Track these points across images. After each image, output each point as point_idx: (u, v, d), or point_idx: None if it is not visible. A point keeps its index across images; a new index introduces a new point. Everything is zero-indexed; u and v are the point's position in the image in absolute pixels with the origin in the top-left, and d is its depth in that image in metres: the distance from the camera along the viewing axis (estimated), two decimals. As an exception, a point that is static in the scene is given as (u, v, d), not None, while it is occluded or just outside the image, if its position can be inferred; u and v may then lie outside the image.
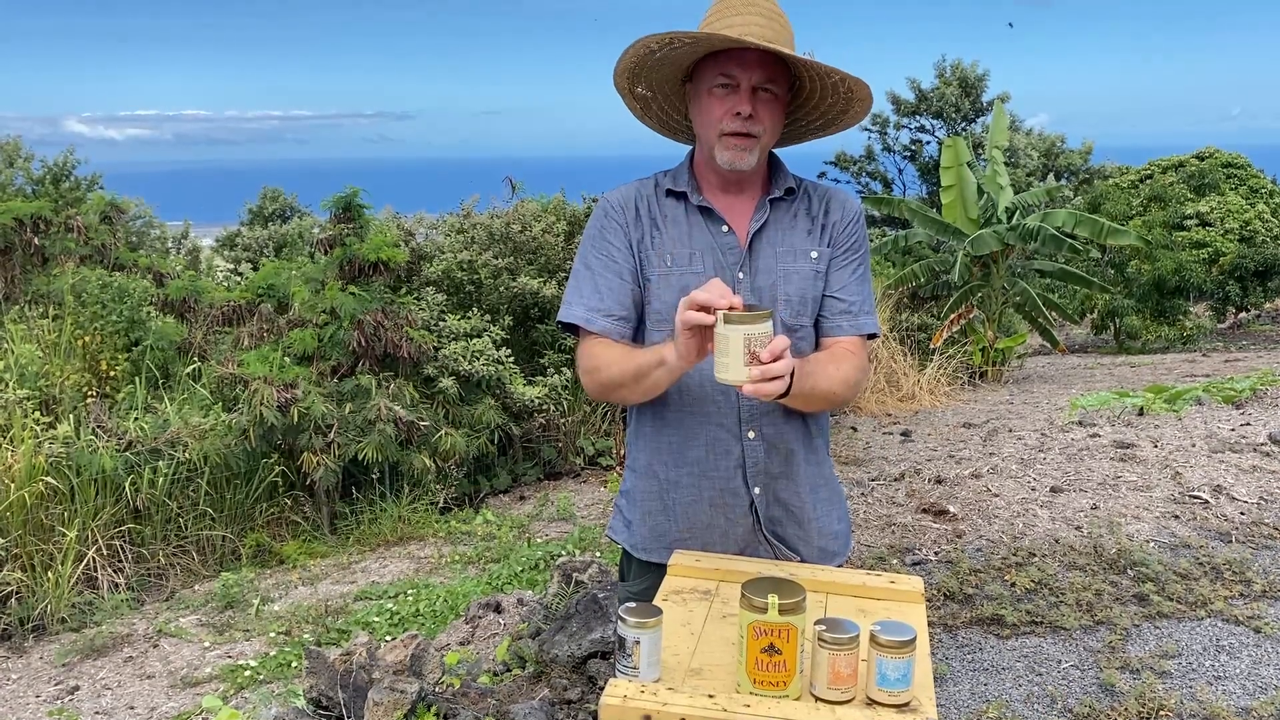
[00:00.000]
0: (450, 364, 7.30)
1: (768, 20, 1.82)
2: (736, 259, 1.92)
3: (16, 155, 17.28)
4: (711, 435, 1.91)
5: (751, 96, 1.83)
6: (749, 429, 1.91)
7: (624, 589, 2.08)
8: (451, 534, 6.36)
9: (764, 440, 1.92)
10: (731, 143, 1.85)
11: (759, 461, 1.92)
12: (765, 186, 1.98)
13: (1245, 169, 18.91)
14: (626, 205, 1.95)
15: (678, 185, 1.95)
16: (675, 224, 1.93)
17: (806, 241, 1.95)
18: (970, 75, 23.98)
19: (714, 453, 1.92)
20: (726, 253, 1.92)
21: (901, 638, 1.44)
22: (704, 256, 1.91)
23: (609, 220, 1.95)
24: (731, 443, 1.91)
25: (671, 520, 1.97)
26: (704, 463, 1.92)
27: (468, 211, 9.13)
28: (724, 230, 1.93)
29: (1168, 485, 5.01)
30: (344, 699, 2.91)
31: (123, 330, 7.05)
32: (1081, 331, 18.52)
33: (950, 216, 11.92)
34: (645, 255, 1.92)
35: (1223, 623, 3.64)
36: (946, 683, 3.32)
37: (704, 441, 1.92)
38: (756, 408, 1.90)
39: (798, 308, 1.93)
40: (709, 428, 1.91)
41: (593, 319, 1.90)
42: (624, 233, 1.93)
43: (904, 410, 9.04)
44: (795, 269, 1.93)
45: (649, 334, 1.93)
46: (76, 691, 4.49)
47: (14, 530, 5.42)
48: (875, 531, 4.71)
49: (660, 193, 1.96)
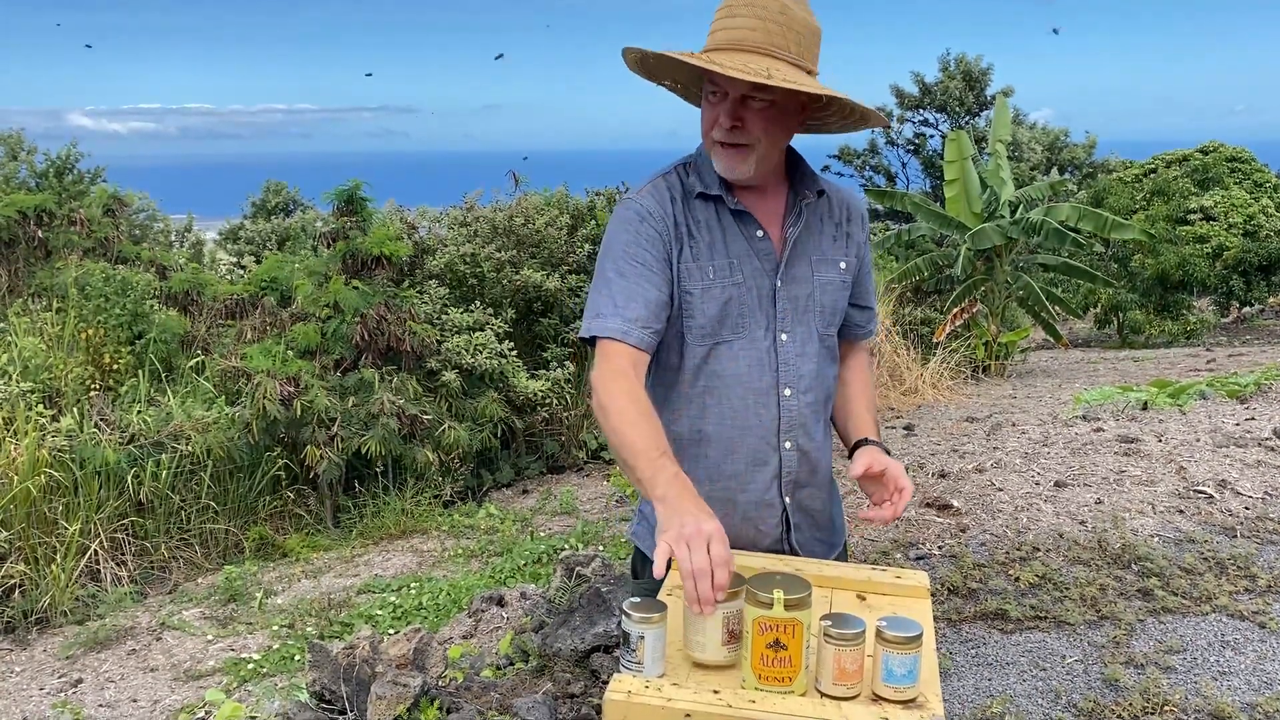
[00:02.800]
0: (453, 358, 7.30)
1: (761, 23, 1.72)
2: (773, 266, 1.86)
3: (20, 148, 17.26)
4: (751, 448, 1.88)
5: (740, 105, 1.75)
6: (786, 440, 1.88)
7: (637, 586, 2.06)
8: (454, 528, 6.36)
9: (798, 449, 1.89)
10: (721, 151, 1.80)
11: (793, 471, 1.89)
12: (787, 184, 1.91)
13: (1249, 163, 18.85)
14: (665, 213, 1.83)
15: (709, 188, 1.84)
16: (709, 230, 1.84)
17: (834, 250, 1.91)
18: (974, 69, 23.92)
19: (752, 465, 1.88)
20: (764, 259, 1.86)
21: (908, 633, 1.43)
22: (741, 265, 1.84)
23: (645, 226, 1.81)
24: (770, 454, 1.88)
25: None
26: (741, 476, 1.88)
27: (471, 205, 9.13)
28: (759, 235, 1.85)
29: (1172, 480, 5.00)
30: (347, 692, 2.90)
31: (126, 324, 7.05)
32: (1085, 326, 18.49)
33: (953, 210, 11.89)
34: (685, 268, 1.82)
35: (1227, 618, 3.63)
36: (950, 677, 3.31)
37: (744, 455, 1.88)
38: (794, 419, 1.88)
39: (829, 318, 1.91)
40: (749, 440, 1.87)
41: (630, 330, 1.75)
42: (663, 243, 1.81)
43: (907, 405, 9.03)
44: (828, 279, 1.90)
45: (689, 349, 1.85)
46: (80, 684, 4.50)
47: (17, 523, 5.43)
48: (878, 526, 4.70)
49: (690, 196, 1.86)
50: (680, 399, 1.88)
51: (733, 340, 1.84)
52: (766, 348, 1.86)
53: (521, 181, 9.48)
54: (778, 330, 1.86)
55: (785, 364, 1.87)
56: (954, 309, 11.07)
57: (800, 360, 1.88)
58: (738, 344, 1.84)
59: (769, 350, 1.86)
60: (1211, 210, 17.66)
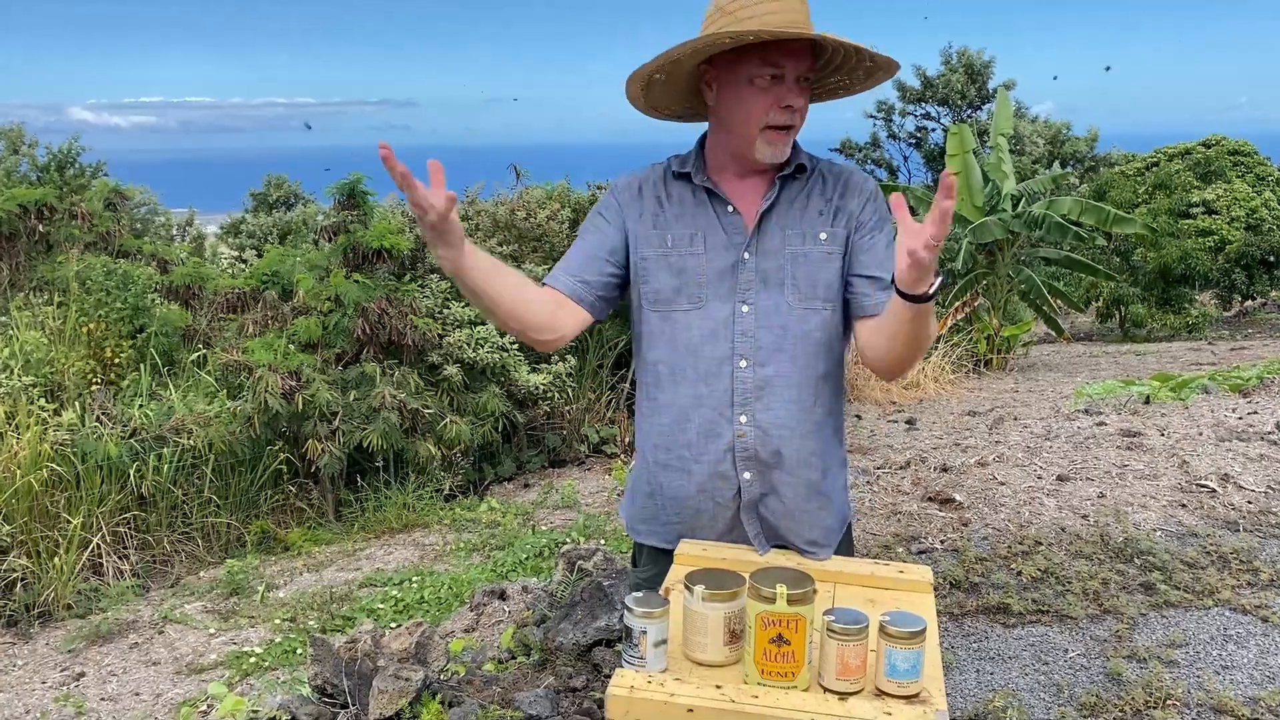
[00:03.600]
0: (454, 351, 7.29)
1: (801, 3, 1.79)
2: (742, 240, 1.88)
3: (21, 142, 17.24)
4: (705, 419, 1.89)
5: (796, 86, 1.81)
6: (741, 413, 1.88)
7: (634, 575, 2.09)
8: (456, 521, 6.36)
9: (755, 425, 1.87)
10: (774, 136, 1.82)
11: (749, 447, 1.88)
12: (779, 165, 1.91)
13: (1252, 156, 18.80)
14: (631, 185, 1.96)
15: (684, 167, 1.92)
16: (680, 204, 1.91)
17: (817, 223, 1.89)
18: (976, 62, 23.84)
19: (704, 436, 1.89)
20: (732, 233, 1.88)
21: (911, 628, 1.43)
22: (705, 236, 1.88)
23: (609, 198, 1.97)
24: (723, 426, 1.88)
25: (659, 504, 1.98)
26: (694, 446, 1.90)
27: (472, 199, 9.12)
28: (729, 210, 1.89)
29: (1174, 474, 4.99)
30: (349, 686, 2.91)
31: (127, 317, 7.05)
32: (1087, 319, 18.47)
33: (955, 204, 11.88)
34: (645, 234, 1.91)
35: (1230, 612, 3.63)
36: (953, 672, 3.31)
37: (696, 425, 1.90)
38: (748, 391, 1.87)
39: (806, 291, 1.87)
40: (703, 410, 1.89)
41: (558, 276, 1.92)
42: (618, 211, 1.94)
43: (909, 398, 9.03)
44: (805, 251, 1.88)
45: (646, 315, 1.92)
46: (82, 678, 4.51)
47: (20, 517, 5.43)
48: (881, 520, 4.70)
49: (669, 175, 1.95)
50: (643, 366, 1.97)
51: (689, 310, 1.88)
52: (724, 318, 1.87)
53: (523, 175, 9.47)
54: (738, 301, 1.87)
55: (742, 334, 1.87)
56: (956, 303, 11.07)
57: (761, 331, 1.86)
58: (694, 314, 1.88)
59: (726, 321, 1.87)
60: (1214, 204, 17.62)
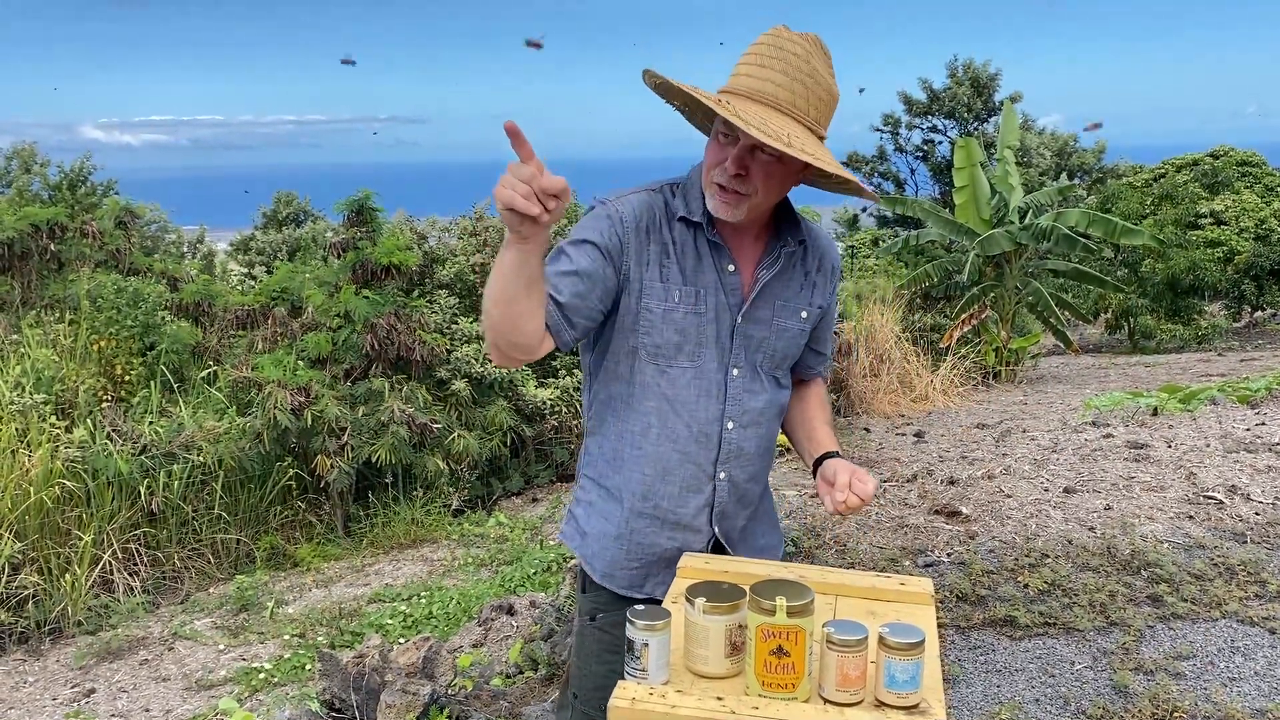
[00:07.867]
0: (462, 366, 7.32)
1: (788, 80, 1.72)
2: (738, 304, 1.87)
3: (33, 161, 17.40)
4: (688, 474, 1.91)
5: (747, 155, 1.74)
6: (721, 470, 1.91)
7: (585, 600, 1.99)
8: (464, 536, 6.37)
9: (730, 481, 1.93)
10: (720, 193, 1.78)
11: (724, 501, 1.93)
12: (769, 227, 1.91)
13: (1260, 167, 18.77)
14: (639, 224, 1.82)
15: (692, 215, 1.83)
16: (684, 255, 1.84)
17: (799, 298, 1.93)
18: (982, 75, 23.88)
19: (686, 490, 1.91)
20: (730, 294, 1.87)
21: (910, 640, 1.44)
22: (707, 296, 1.85)
23: (609, 227, 1.80)
24: (704, 483, 1.91)
25: (625, 549, 1.94)
26: (674, 499, 1.91)
27: (480, 214, 9.16)
28: (730, 269, 1.86)
29: (1182, 486, 4.98)
30: (357, 701, 2.92)
31: (138, 334, 7.10)
32: (1095, 331, 18.43)
33: (963, 216, 11.89)
34: (650, 284, 1.82)
35: (1238, 624, 3.62)
36: (959, 684, 3.31)
37: (679, 480, 1.90)
38: (732, 451, 1.91)
39: (780, 362, 1.95)
40: (687, 466, 1.90)
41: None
42: (620, 251, 1.80)
43: (917, 411, 9.02)
44: (787, 326, 1.92)
45: (641, 365, 1.86)
46: (93, 694, 4.53)
47: (31, 534, 5.46)
48: (887, 533, 4.70)
49: (672, 215, 1.85)
50: (629, 412, 1.90)
51: (687, 367, 1.87)
52: (718, 380, 1.88)
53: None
54: (730, 364, 1.89)
55: (734, 398, 1.90)
56: (963, 315, 11.06)
57: (747, 396, 1.91)
58: (691, 372, 1.87)
59: (719, 383, 1.89)
60: (1222, 214, 17.59)
